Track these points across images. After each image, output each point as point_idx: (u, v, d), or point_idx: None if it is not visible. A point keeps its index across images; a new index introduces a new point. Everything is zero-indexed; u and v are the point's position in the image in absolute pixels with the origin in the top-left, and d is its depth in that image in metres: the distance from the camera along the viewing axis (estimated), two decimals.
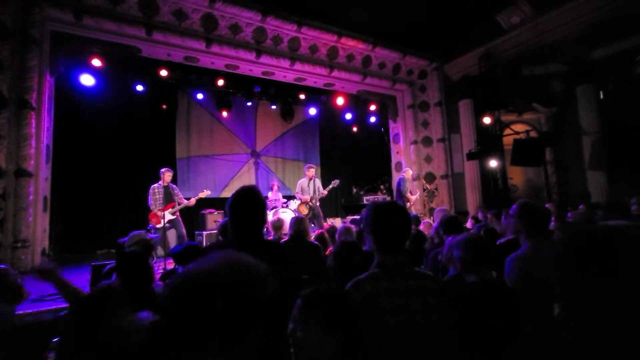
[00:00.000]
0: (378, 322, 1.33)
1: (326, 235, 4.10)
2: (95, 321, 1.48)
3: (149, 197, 6.11)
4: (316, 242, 3.57)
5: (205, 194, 6.37)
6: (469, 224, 5.38)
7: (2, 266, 1.72)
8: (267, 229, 5.02)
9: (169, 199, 6.14)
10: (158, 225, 5.98)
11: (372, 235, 1.51)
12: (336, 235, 3.64)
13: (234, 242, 1.73)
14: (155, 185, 6.16)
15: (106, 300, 1.56)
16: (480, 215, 6.38)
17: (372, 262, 1.50)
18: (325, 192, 7.42)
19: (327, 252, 3.56)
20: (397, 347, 1.33)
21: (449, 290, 1.53)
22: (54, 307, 3.50)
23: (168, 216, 6.14)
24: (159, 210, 6.01)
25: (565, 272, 0.80)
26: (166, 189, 6.17)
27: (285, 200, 8.29)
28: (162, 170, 6.25)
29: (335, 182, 7.58)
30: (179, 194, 6.28)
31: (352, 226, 3.68)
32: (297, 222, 3.55)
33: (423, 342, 1.35)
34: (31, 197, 5.16)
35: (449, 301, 1.46)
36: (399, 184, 8.21)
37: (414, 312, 1.37)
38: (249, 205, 1.75)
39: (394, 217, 1.49)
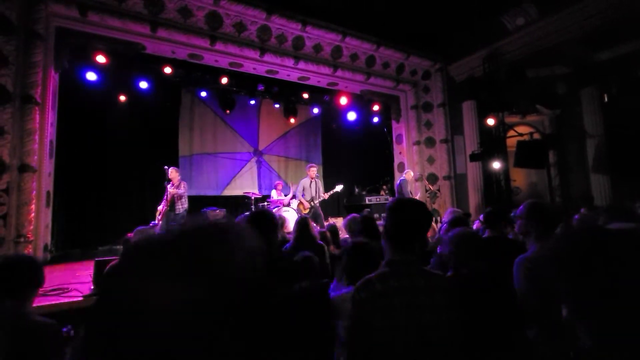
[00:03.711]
0: (388, 319, 1.34)
1: (328, 234, 4.10)
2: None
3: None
4: (321, 242, 3.56)
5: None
6: (475, 227, 5.33)
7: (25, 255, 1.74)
8: None
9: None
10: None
11: (389, 229, 1.49)
12: (342, 224, 3.68)
13: None
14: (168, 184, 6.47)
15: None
16: (482, 218, 6.29)
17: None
18: (326, 195, 7.48)
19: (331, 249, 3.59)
20: (406, 345, 1.33)
21: (454, 288, 1.53)
22: (56, 301, 3.50)
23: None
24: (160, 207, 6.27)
25: (566, 271, 0.80)
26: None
27: (288, 199, 8.29)
28: (170, 169, 6.51)
29: (338, 187, 7.82)
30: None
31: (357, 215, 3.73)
32: (302, 222, 3.53)
33: (432, 341, 1.35)
34: (34, 192, 5.14)
35: (456, 299, 1.46)
36: (399, 185, 8.18)
37: (424, 310, 1.37)
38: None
39: (415, 214, 1.49)
